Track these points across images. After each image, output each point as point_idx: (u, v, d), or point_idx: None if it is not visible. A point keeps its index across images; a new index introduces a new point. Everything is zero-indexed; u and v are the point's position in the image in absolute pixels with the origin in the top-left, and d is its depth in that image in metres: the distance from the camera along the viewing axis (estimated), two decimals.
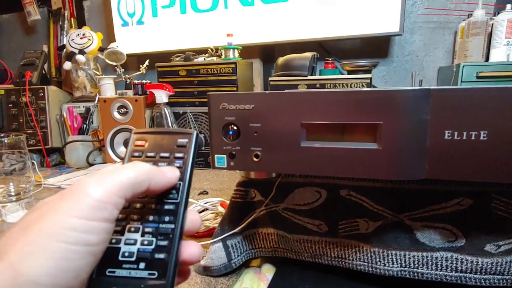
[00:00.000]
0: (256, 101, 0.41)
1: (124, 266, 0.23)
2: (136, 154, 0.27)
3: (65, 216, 0.19)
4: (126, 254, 0.23)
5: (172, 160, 0.26)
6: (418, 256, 0.45)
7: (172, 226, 0.24)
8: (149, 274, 0.22)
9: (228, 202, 0.57)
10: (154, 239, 0.23)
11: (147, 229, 0.24)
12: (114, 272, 0.22)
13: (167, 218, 0.24)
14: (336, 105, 0.39)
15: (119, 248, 0.23)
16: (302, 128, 0.40)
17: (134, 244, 0.23)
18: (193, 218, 0.26)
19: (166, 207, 0.25)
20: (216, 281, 0.52)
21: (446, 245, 0.44)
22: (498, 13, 1.08)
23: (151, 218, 0.24)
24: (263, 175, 0.50)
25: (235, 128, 0.43)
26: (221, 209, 0.74)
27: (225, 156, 0.44)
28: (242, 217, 0.54)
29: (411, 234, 0.45)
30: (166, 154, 0.27)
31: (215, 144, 0.44)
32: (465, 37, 1.09)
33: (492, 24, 1.08)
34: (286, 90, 0.41)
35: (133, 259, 0.23)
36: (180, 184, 0.25)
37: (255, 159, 0.43)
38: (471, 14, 1.11)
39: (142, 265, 0.23)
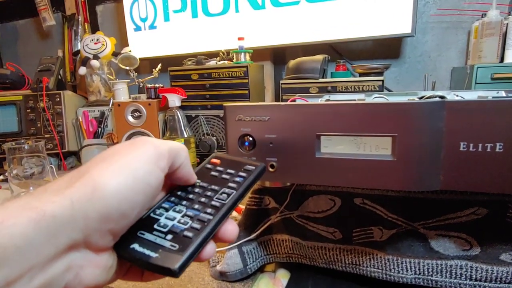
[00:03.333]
0: (271, 113, 0.42)
1: (154, 233, 0.26)
2: (209, 166, 0.33)
3: (135, 158, 0.24)
4: (162, 224, 0.26)
5: (236, 176, 0.31)
6: (432, 264, 0.45)
7: (210, 217, 0.27)
8: (171, 245, 0.25)
9: (243, 207, 0.59)
10: (190, 221, 0.27)
11: (189, 213, 0.27)
12: (143, 234, 0.25)
13: (209, 210, 0.27)
14: (350, 117, 0.39)
15: (158, 220, 0.27)
16: (317, 139, 0.41)
17: (173, 220, 0.27)
18: (230, 227, 0.28)
19: (213, 202, 0.28)
20: (232, 286, 0.54)
21: (461, 254, 0.44)
22: None
23: (196, 206, 0.28)
24: (278, 184, 0.51)
25: (250, 139, 0.44)
26: (235, 214, 0.76)
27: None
28: (257, 224, 0.55)
29: (425, 242, 0.46)
30: (232, 171, 0.32)
31: (232, 154, 0.45)
32: (479, 38, 1.08)
33: (507, 24, 1.06)
34: (300, 102, 0.42)
35: (165, 230, 0.26)
36: (233, 192, 0.29)
37: (270, 169, 0.44)
38: (485, 14, 1.10)
39: (169, 236, 0.25)
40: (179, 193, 0.30)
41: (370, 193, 0.47)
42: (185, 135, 1.20)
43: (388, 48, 1.33)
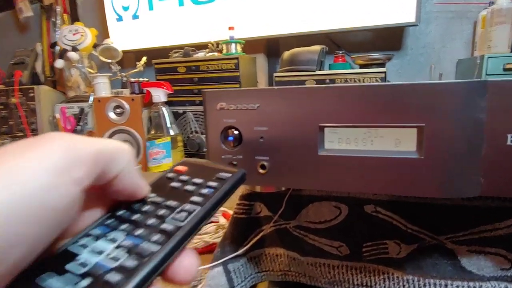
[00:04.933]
0: (261, 99, 0.33)
1: (66, 276, 0.17)
2: (170, 175, 0.25)
3: (27, 163, 0.15)
4: (80, 261, 0.17)
5: (203, 187, 0.23)
6: (463, 287, 0.36)
7: (156, 248, 0.18)
8: None
9: (232, 212, 0.49)
10: (125, 256, 0.17)
11: (126, 242, 0.19)
12: (45, 280, 0.16)
13: (156, 237, 0.19)
14: (363, 103, 0.30)
15: (77, 255, 0.18)
16: (320, 132, 0.32)
17: (99, 254, 0.18)
18: (187, 262, 0.19)
19: (164, 226, 0.19)
20: None
21: (499, 274, 0.36)
22: None
23: (139, 232, 0.19)
24: (271, 188, 0.42)
25: (236, 132, 0.35)
26: (224, 221, 0.66)
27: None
28: (246, 236, 0.46)
29: (454, 260, 0.37)
30: (200, 181, 0.24)
31: (212, 152, 0.36)
32: (488, 27, 1.00)
33: None
34: (299, 86, 0.33)
35: (81, 271, 0.17)
36: (195, 209, 0.21)
37: (261, 170, 0.34)
38: (493, 2, 1.02)
39: (84, 282, 0.16)
40: (120, 213, 0.21)
41: (385, 199, 0.39)
42: (172, 133, 1.10)
43: (389, 39, 1.24)
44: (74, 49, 1.22)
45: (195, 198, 0.22)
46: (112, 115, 1.15)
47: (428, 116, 0.29)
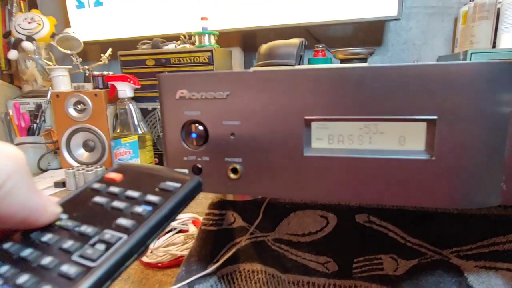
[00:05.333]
0: (232, 85, 0.26)
1: None
2: (96, 186, 0.18)
3: None
4: None
5: (139, 203, 0.17)
6: None
7: None
8: None
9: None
10: None
11: None
12: None
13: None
14: (360, 90, 0.24)
15: None
16: (306, 128, 0.25)
17: None
18: None
19: (65, 268, 0.13)
20: None
21: None
22: None
23: (23, 279, 0.12)
24: (246, 196, 0.35)
25: (200, 128, 0.28)
26: (194, 229, 0.59)
27: (186, 171, 0.29)
28: (217, 251, 0.39)
29: (460, 277, 0.32)
30: (135, 194, 0.17)
31: (171, 153, 0.29)
32: (471, 22, 0.97)
33: (499, 8, 0.97)
34: (279, 67, 0.26)
35: None
36: (119, 239, 0.14)
37: (232, 175, 0.28)
38: None
39: None
40: (5, 246, 0.14)
41: (380, 207, 0.33)
42: (140, 132, 1.01)
43: (369, 35, 1.20)
44: (30, 38, 1.10)
45: (122, 222, 0.14)
46: (72, 111, 1.04)
47: (442, 107, 0.23)
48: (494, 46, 0.97)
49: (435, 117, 0.23)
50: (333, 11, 1.06)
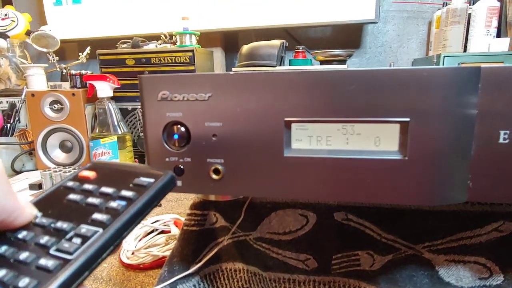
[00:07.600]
0: (214, 87, 0.27)
1: None
2: (70, 184, 0.19)
3: None
4: None
5: (114, 198, 0.17)
6: None
7: None
8: None
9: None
10: None
11: None
12: None
13: (25, 282, 0.12)
14: (338, 93, 0.25)
15: None
16: (286, 129, 0.26)
17: None
18: None
19: (43, 262, 0.13)
20: None
21: (478, 284, 0.33)
22: (474, 2, 1.02)
23: (1, 274, 0.13)
24: (228, 196, 0.35)
25: (182, 129, 0.28)
26: (176, 230, 0.59)
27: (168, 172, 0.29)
28: (199, 251, 0.40)
29: (431, 270, 0.33)
30: (109, 190, 0.18)
31: (153, 154, 0.29)
32: (443, 26, 1.01)
33: (470, 13, 1.01)
34: (260, 69, 0.27)
35: None
36: (95, 233, 0.15)
37: (214, 176, 0.28)
38: (447, 3, 1.04)
39: None
40: None
41: (357, 206, 0.34)
42: (119, 132, 1.00)
43: (348, 37, 1.23)
44: (3, 35, 1.07)
45: (98, 216, 0.15)
46: (48, 111, 1.02)
47: (414, 109, 0.24)
48: (465, 50, 1.01)
49: (407, 119, 0.24)
50: (313, 13, 1.08)
